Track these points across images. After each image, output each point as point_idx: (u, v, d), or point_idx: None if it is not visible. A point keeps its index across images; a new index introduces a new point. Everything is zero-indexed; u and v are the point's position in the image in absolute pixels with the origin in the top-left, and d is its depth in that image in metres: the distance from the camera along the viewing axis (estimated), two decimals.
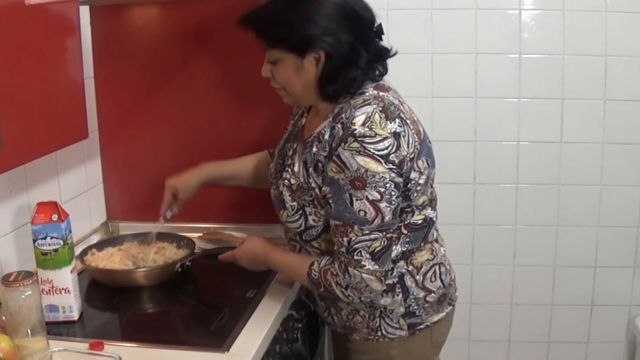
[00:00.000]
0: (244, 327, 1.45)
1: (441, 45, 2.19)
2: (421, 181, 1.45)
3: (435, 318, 1.57)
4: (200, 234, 2.00)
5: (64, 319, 1.49)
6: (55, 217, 1.43)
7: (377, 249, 1.38)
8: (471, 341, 2.43)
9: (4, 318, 1.30)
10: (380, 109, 1.39)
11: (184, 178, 1.78)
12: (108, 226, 2.12)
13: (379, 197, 1.36)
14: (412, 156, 1.41)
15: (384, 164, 1.35)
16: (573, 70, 2.17)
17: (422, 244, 1.53)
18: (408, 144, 1.40)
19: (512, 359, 2.43)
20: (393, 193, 1.37)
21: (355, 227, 1.37)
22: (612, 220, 2.27)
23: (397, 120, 1.39)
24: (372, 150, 1.34)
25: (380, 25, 1.46)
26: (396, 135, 1.37)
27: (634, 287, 2.32)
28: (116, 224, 2.12)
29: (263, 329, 1.45)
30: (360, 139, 1.35)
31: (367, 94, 1.44)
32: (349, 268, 1.39)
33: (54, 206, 1.45)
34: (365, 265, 1.38)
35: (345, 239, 1.39)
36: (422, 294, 1.53)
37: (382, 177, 1.35)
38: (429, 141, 1.52)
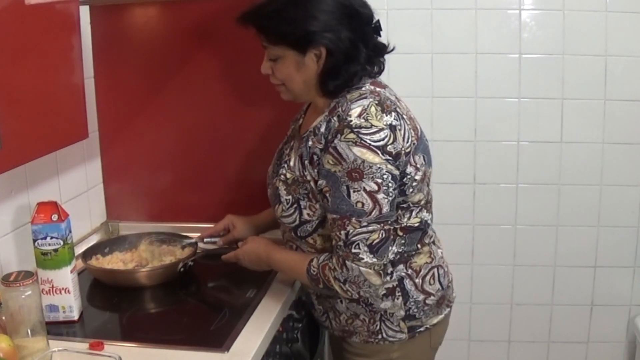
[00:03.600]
0: (244, 327, 1.45)
1: (441, 45, 2.19)
2: (417, 177, 1.45)
3: (435, 320, 1.57)
4: (200, 234, 1.99)
5: (64, 319, 1.48)
6: (55, 217, 1.43)
7: (375, 241, 1.38)
8: (471, 341, 2.43)
9: (4, 318, 1.30)
10: (377, 102, 1.40)
11: (245, 218, 1.82)
12: (108, 226, 2.12)
13: (376, 188, 1.36)
14: (408, 150, 1.41)
15: (380, 155, 1.35)
16: (573, 70, 2.16)
17: (419, 246, 1.53)
18: (404, 137, 1.40)
19: (512, 359, 2.42)
20: (390, 184, 1.37)
21: (353, 219, 1.37)
22: (612, 220, 2.27)
23: (393, 113, 1.40)
24: (368, 141, 1.35)
25: (378, 21, 1.47)
26: (392, 127, 1.38)
27: (634, 287, 2.32)
28: (116, 224, 2.12)
29: (263, 329, 1.45)
30: (356, 130, 1.35)
31: (363, 88, 1.45)
32: (346, 262, 1.39)
33: (54, 206, 1.45)
34: (363, 258, 1.38)
35: (342, 232, 1.38)
36: (421, 297, 1.52)
37: (379, 167, 1.35)
38: (426, 140, 1.53)
